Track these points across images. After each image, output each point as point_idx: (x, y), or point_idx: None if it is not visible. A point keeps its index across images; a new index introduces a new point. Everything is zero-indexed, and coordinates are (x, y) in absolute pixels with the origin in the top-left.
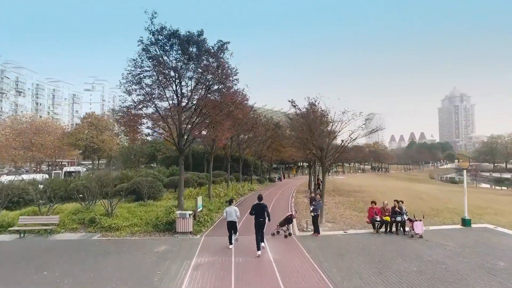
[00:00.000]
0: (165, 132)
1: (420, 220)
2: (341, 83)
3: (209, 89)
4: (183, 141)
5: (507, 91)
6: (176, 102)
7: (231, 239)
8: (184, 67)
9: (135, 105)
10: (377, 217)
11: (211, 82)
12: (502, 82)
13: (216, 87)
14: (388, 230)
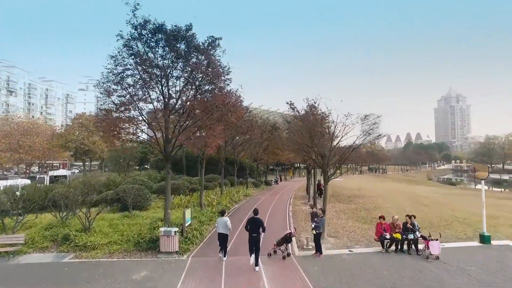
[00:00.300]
0: (150, 138)
1: (437, 239)
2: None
3: (198, 90)
4: (170, 147)
5: (507, 91)
6: (162, 105)
7: (222, 250)
8: (171, 65)
9: (117, 107)
10: (387, 234)
11: (201, 82)
12: (502, 82)
13: (206, 87)
14: (399, 249)
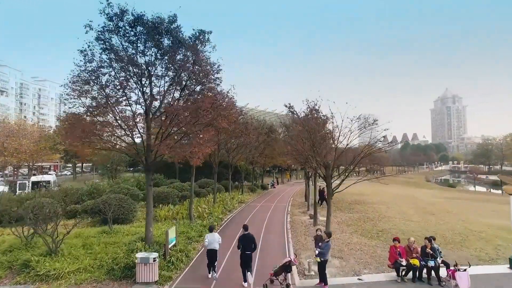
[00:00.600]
0: (129, 145)
1: (465, 269)
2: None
3: (184, 91)
4: (152, 156)
5: (507, 91)
6: (143, 108)
7: (210, 268)
8: (154, 62)
9: (91, 111)
10: (402, 261)
11: (187, 82)
12: (502, 82)
13: (194, 87)
14: (417, 277)
